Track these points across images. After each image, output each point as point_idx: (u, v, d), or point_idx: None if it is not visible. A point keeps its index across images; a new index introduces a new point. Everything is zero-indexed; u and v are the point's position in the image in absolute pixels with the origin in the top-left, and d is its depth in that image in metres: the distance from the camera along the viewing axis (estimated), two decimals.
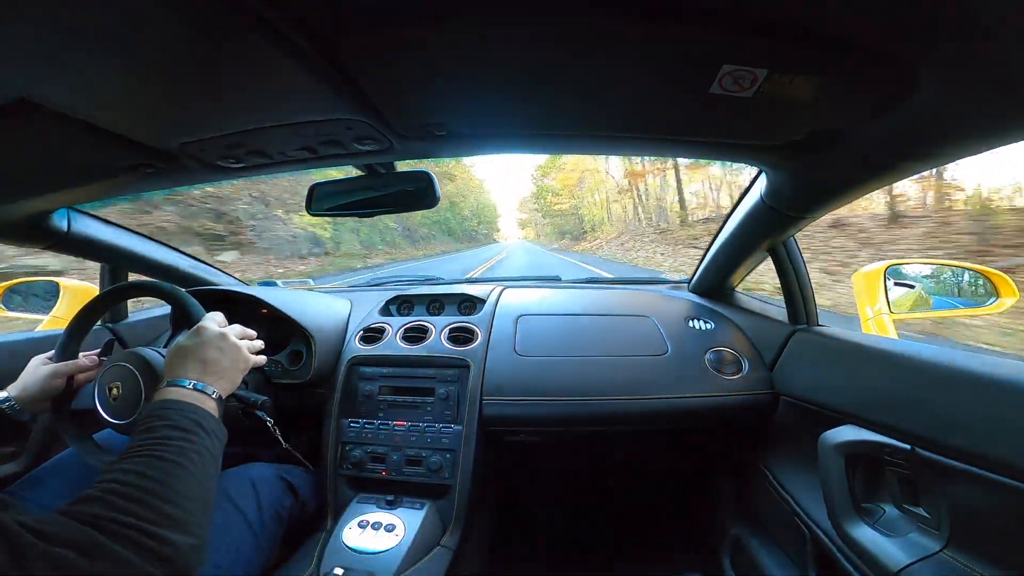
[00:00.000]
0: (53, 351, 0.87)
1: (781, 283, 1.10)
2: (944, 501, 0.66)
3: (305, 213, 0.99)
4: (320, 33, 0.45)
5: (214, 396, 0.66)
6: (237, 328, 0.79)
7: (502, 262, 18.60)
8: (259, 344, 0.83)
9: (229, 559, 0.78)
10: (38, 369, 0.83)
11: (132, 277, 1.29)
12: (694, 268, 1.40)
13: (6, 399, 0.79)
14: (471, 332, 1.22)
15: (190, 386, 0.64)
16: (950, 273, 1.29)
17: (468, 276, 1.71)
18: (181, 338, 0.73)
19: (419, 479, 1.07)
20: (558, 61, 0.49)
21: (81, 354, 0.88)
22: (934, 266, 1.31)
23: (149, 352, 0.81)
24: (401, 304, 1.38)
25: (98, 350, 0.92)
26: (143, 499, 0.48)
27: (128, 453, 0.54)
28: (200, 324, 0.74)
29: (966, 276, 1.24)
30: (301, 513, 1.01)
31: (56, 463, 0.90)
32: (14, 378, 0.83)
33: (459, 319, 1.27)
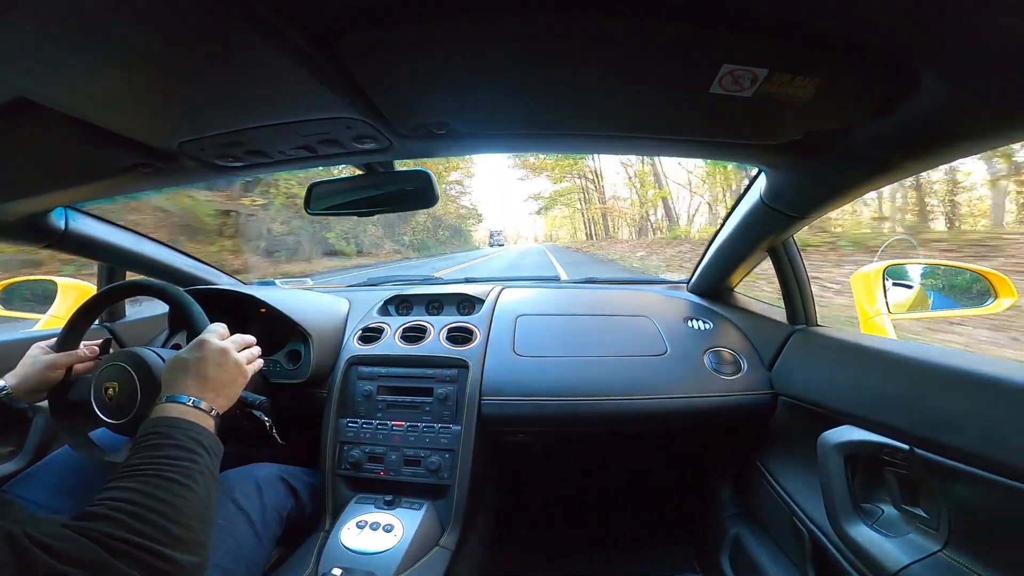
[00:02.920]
0: (53, 341, 0.87)
1: (780, 283, 1.10)
2: (944, 501, 0.66)
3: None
4: (319, 32, 0.45)
5: (212, 414, 0.66)
6: (239, 338, 0.79)
7: None
8: (257, 351, 0.83)
9: (230, 559, 0.78)
10: (38, 359, 0.83)
11: (130, 276, 1.29)
12: (693, 268, 1.40)
13: (3, 388, 0.80)
14: (470, 332, 1.22)
15: (189, 403, 0.64)
16: (949, 273, 1.29)
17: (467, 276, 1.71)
18: (183, 351, 0.73)
19: (418, 479, 1.06)
20: (558, 60, 0.49)
21: (82, 344, 0.89)
22: (933, 266, 1.31)
23: (146, 352, 0.81)
24: (400, 304, 1.38)
25: (99, 341, 0.92)
26: (148, 518, 0.49)
27: (131, 470, 0.54)
28: (202, 337, 0.74)
29: (965, 276, 1.25)
30: (301, 515, 1.01)
31: (49, 460, 0.90)
32: None
33: (458, 319, 1.27)
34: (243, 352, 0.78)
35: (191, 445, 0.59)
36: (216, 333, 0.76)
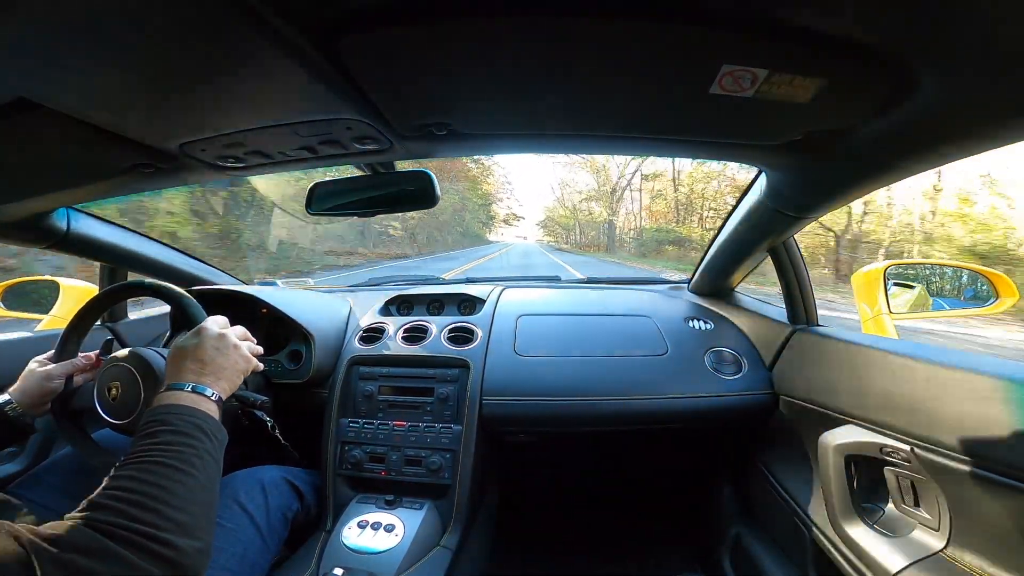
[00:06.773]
0: (51, 352, 0.87)
1: (781, 283, 1.10)
2: (944, 501, 0.66)
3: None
4: (320, 33, 0.45)
5: (213, 398, 0.66)
6: (239, 330, 0.79)
7: None
8: (259, 349, 0.83)
9: (236, 561, 0.79)
10: (34, 371, 0.83)
11: (131, 277, 1.29)
12: (694, 268, 1.40)
13: (7, 401, 0.79)
14: (471, 332, 1.22)
15: (188, 388, 0.64)
16: (949, 273, 1.29)
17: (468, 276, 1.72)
18: (181, 339, 0.72)
19: (419, 479, 1.07)
20: (558, 60, 0.49)
21: (80, 354, 0.88)
22: (934, 266, 1.31)
23: (148, 352, 0.81)
24: (401, 304, 1.38)
25: (97, 350, 0.91)
26: (148, 505, 0.49)
27: (131, 459, 0.54)
28: (200, 325, 0.74)
29: (965, 276, 1.24)
30: (306, 516, 1.01)
31: (54, 462, 0.90)
32: (13, 378, 0.83)
33: (459, 319, 1.27)
34: (243, 343, 0.78)
35: (189, 430, 0.58)
36: (215, 322, 0.76)
